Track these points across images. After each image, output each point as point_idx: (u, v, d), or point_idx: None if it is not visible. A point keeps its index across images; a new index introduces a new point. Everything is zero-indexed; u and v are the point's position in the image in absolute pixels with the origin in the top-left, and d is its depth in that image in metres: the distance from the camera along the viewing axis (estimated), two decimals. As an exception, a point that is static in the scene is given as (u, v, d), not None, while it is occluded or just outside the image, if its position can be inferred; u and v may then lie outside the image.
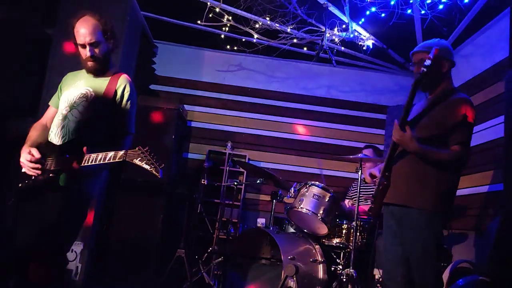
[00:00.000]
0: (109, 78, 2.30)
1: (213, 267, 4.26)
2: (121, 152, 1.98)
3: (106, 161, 2.02)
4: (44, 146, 2.21)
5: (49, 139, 2.25)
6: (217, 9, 4.47)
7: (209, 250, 4.35)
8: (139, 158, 1.93)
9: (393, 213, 2.38)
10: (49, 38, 3.87)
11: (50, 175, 2.09)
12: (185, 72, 5.77)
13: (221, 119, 5.71)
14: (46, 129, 2.33)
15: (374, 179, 2.58)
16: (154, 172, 1.92)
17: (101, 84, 2.28)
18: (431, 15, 3.88)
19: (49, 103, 2.47)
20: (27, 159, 2.13)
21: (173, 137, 4.68)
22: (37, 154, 2.13)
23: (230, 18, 4.64)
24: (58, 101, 2.38)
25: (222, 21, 4.64)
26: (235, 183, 4.67)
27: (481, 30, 4.35)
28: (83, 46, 2.24)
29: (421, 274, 2.25)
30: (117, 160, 1.99)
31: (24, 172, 2.18)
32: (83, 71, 2.36)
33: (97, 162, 2.03)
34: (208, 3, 4.41)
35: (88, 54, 2.23)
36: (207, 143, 5.57)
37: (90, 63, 2.26)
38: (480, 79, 4.25)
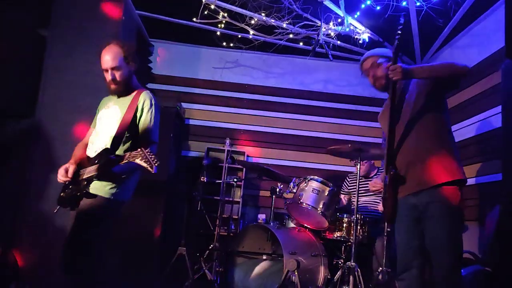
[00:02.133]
0: (133, 96, 2.56)
1: (214, 264, 4.27)
2: (127, 154, 2.22)
3: (119, 163, 2.25)
4: (84, 161, 2.51)
5: (87, 154, 2.55)
6: (212, 6, 4.46)
7: (210, 247, 4.36)
8: (139, 158, 2.13)
9: (413, 205, 2.32)
10: (44, 39, 3.86)
11: (83, 183, 2.34)
12: (182, 70, 5.77)
13: (219, 116, 5.71)
14: (86, 147, 2.62)
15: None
16: (149, 169, 2.10)
17: (126, 102, 2.54)
18: (426, 6, 3.88)
19: (91, 125, 2.75)
20: (60, 173, 2.41)
21: (171, 135, 4.68)
22: (70, 174, 2.40)
23: (226, 14, 4.62)
24: (96, 121, 2.68)
25: (218, 18, 4.63)
26: (235, 179, 4.68)
27: (477, 21, 4.34)
28: (106, 70, 2.52)
29: (447, 261, 2.20)
30: (124, 161, 2.23)
31: (66, 183, 2.45)
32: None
33: (114, 165, 2.28)
34: (203, 0, 4.39)
35: (110, 77, 2.51)
36: (205, 141, 5.58)
37: (112, 86, 2.54)
38: (477, 69, 4.24)
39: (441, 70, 2.25)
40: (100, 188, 2.36)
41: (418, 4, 3.95)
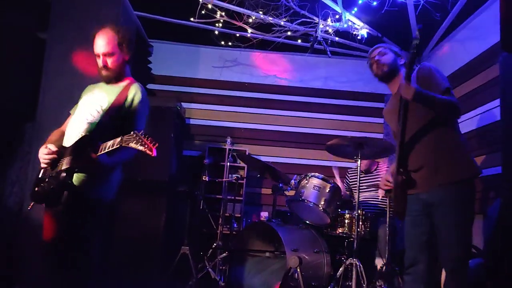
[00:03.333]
0: (123, 85, 2.40)
1: (218, 263, 4.29)
2: (118, 139, 2.05)
3: (108, 150, 2.08)
4: (59, 150, 2.29)
5: (63, 143, 2.35)
6: (210, 6, 4.46)
7: (213, 246, 4.37)
8: (134, 141, 1.97)
9: (424, 200, 2.33)
10: (43, 42, 3.87)
11: (62, 175, 2.14)
12: (181, 70, 5.78)
13: (219, 115, 5.72)
14: (63, 135, 2.44)
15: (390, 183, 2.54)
16: (148, 152, 1.94)
17: (114, 90, 2.39)
18: (423, 0, 3.86)
19: (70, 112, 2.58)
20: (44, 152, 2.25)
21: (172, 135, 4.69)
22: (53, 148, 2.25)
23: (223, 13, 4.62)
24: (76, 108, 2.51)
25: (215, 17, 4.63)
26: (236, 177, 4.69)
27: (476, 13, 4.33)
28: (98, 56, 2.36)
29: (458, 256, 2.21)
30: (115, 146, 2.05)
31: (39, 177, 2.30)
32: (102, 82, 2.48)
33: (102, 152, 2.10)
34: (201, 0, 4.39)
35: (101, 64, 2.36)
36: (206, 140, 5.60)
37: (103, 72, 2.38)
38: (476, 62, 4.23)
39: (444, 108, 2.29)
40: (84, 182, 2.20)
41: (414, -2, 3.94)
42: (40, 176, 2.31)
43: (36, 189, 2.27)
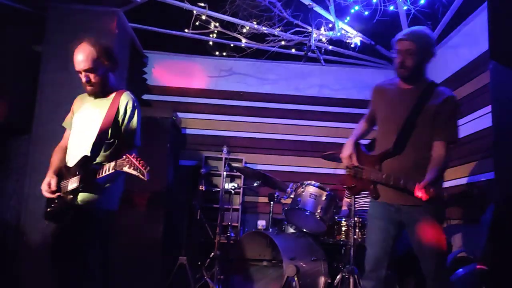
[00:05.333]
0: (113, 97, 2.46)
1: (216, 272, 4.28)
2: (112, 164, 2.15)
3: (105, 174, 2.20)
4: (63, 170, 2.41)
5: (66, 162, 2.44)
6: (204, 17, 4.50)
7: (211, 256, 4.37)
8: (127, 166, 2.07)
9: (400, 209, 2.36)
10: (38, 55, 3.90)
11: (69, 196, 2.27)
12: (177, 80, 5.81)
13: (215, 125, 5.74)
14: (65, 151, 2.51)
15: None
16: (141, 177, 2.05)
17: (105, 104, 2.44)
18: (414, 9, 3.92)
19: (64, 125, 2.65)
20: (45, 189, 2.35)
21: (168, 145, 4.70)
22: (53, 186, 2.33)
23: (217, 24, 4.67)
24: (71, 122, 2.56)
25: (210, 28, 4.67)
26: (233, 187, 4.71)
27: (467, 21, 4.39)
28: (80, 72, 2.40)
29: (435, 260, 2.28)
30: (110, 171, 2.17)
31: (49, 198, 2.38)
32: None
33: (100, 176, 2.23)
34: (195, 11, 4.44)
35: (84, 80, 2.40)
36: (203, 149, 5.61)
37: (88, 88, 2.43)
38: (468, 69, 4.29)
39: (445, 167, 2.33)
40: (86, 199, 2.29)
41: (405, 8, 3.98)
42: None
43: (48, 209, 2.37)
